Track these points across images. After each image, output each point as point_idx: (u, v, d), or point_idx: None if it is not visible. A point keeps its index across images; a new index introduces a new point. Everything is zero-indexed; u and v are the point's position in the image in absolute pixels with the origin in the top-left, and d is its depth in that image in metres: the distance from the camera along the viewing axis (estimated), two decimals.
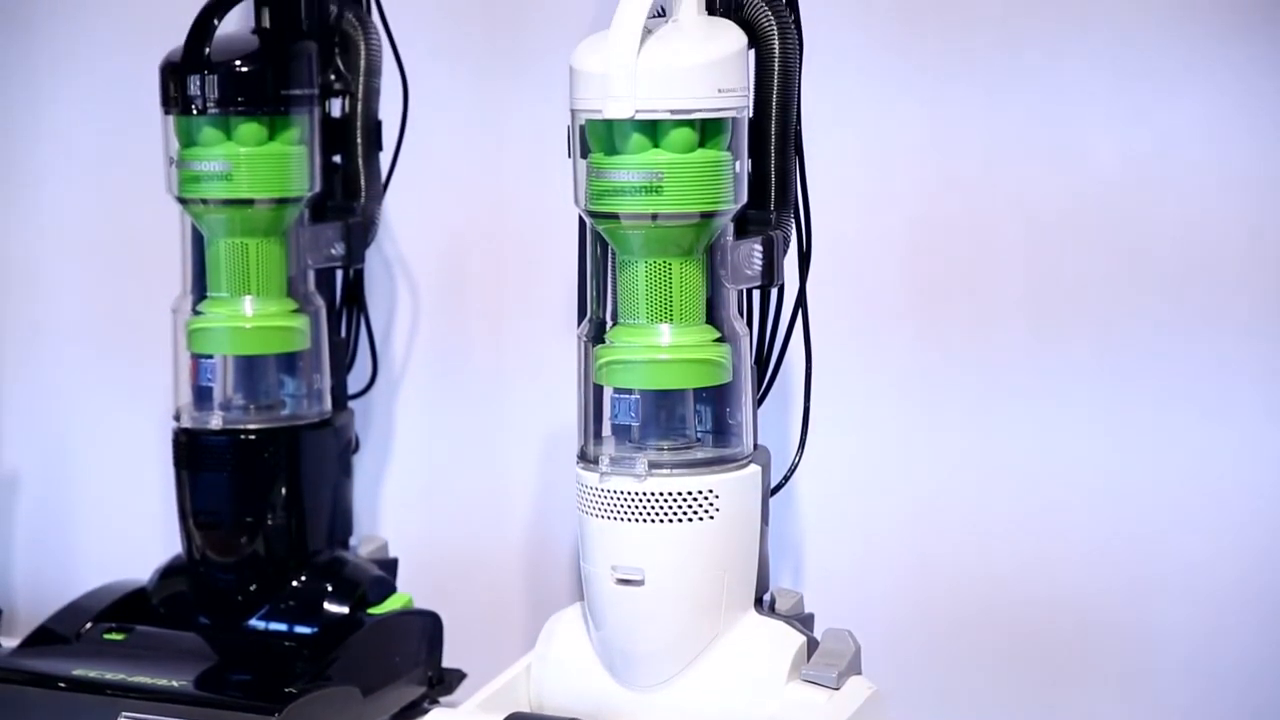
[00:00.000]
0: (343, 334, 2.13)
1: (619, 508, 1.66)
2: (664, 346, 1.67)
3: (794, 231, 1.74)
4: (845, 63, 1.97)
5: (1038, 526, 1.98)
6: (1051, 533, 1.98)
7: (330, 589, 2.00)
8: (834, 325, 1.90)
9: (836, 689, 1.69)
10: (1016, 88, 1.94)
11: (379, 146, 2.09)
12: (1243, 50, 1.85)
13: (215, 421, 1.99)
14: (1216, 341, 1.90)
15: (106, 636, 1.98)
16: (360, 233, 2.05)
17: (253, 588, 1.99)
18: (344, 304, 2.13)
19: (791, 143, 1.71)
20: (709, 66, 1.62)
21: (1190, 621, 1.94)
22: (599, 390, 1.71)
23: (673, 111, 1.61)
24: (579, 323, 1.74)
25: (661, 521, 1.65)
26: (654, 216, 1.64)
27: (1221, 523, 1.92)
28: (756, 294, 1.76)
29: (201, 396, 2.01)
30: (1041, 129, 1.94)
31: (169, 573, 2.05)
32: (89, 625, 2.00)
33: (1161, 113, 1.89)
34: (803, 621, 1.75)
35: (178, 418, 2.02)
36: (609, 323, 1.71)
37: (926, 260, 1.99)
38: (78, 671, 1.91)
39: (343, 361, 2.12)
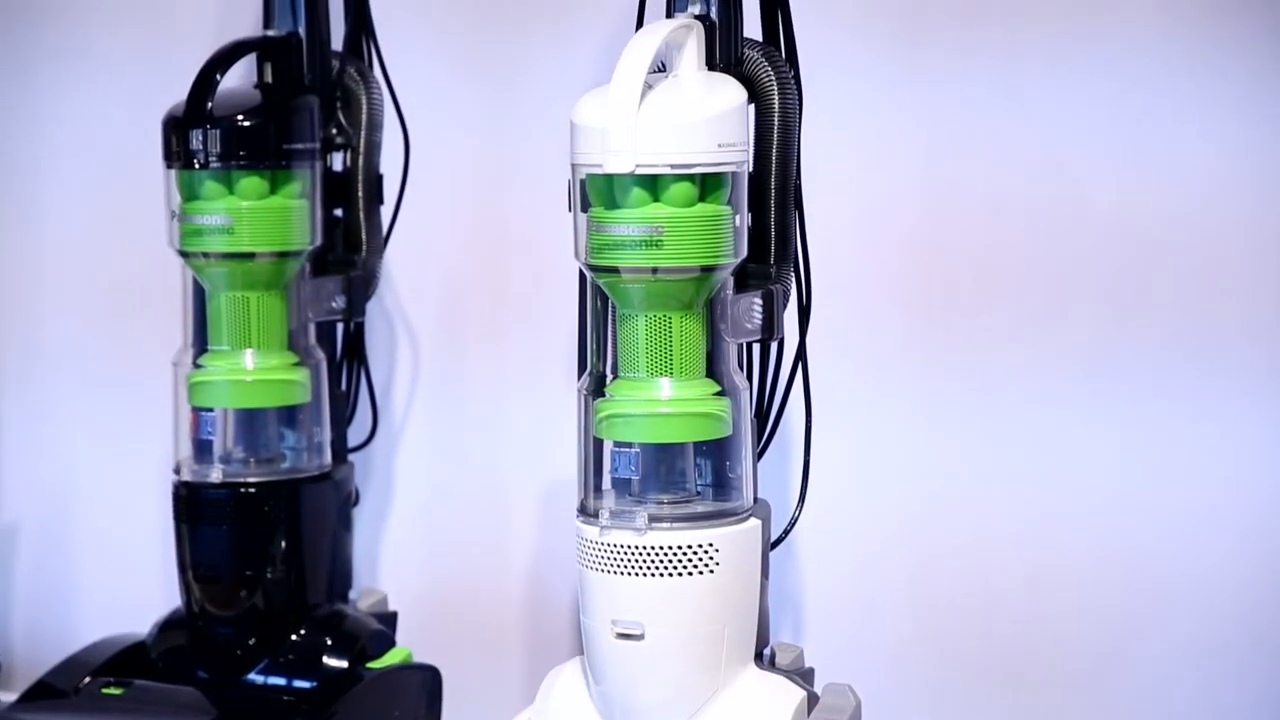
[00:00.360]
0: (343, 387, 2.13)
1: (619, 562, 1.66)
2: (664, 400, 1.67)
3: (794, 285, 1.74)
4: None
5: (1044, 591, 1.98)
6: (1059, 598, 1.98)
7: (330, 643, 1.99)
8: (831, 373, 1.90)
9: None
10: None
11: (380, 200, 2.09)
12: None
13: (215, 475, 1.99)
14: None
15: (105, 691, 1.97)
16: (361, 286, 2.06)
17: (252, 641, 1.98)
18: (344, 357, 2.14)
19: (791, 197, 1.71)
20: (709, 121, 1.63)
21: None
22: (599, 443, 1.71)
23: (673, 166, 1.61)
24: (579, 376, 1.74)
25: (661, 576, 1.65)
26: (654, 270, 1.64)
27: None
28: (756, 347, 1.76)
29: (202, 450, 2.01)
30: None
31: (168, 626, 2.04)
32: (87, 679, 1.99)
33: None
34: (803, 676, 1.74)
35: (178, 471, 2.02)
36: (609, 376, 1.71)
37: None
38: None
39: (343, 414, 2.12)
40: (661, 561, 1.65)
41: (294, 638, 1.99)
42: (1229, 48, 1.87)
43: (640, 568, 1.65)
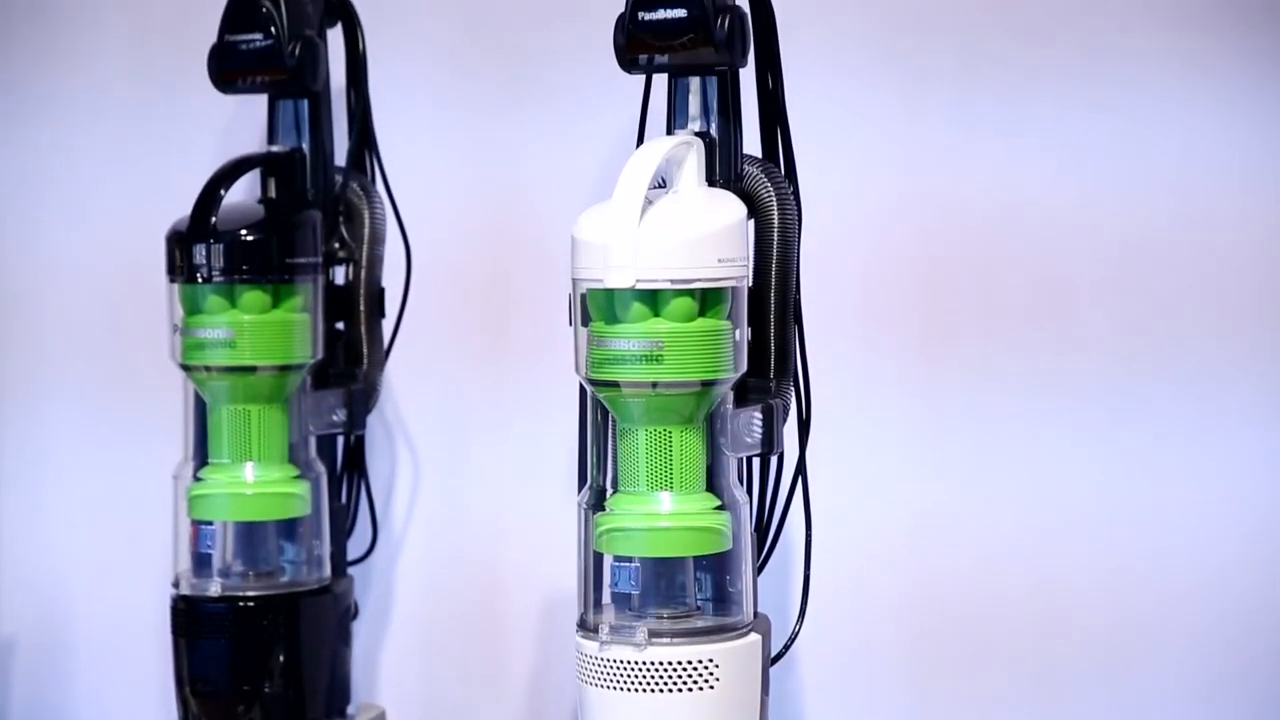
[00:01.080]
0: (343, 499, 2.13)
1: (618, 677, 1.65)
2: (664, 514, 1.67)
3: (793, 399, 1.75)
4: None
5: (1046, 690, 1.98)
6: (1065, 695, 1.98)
7: None
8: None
9: None
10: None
11: (382, 313, 2.10)
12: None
13: (214, 588, 1.98)
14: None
15: None
16: (362, 399, 2.06)
17: None
18: (345, 469, 2.14)
19: (791, 311, 1.72)
20: (709, 237, 1.64)
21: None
22: (599, 557, 1.71)
23: (673, 281, 1.62)
24: (579, 490, 1.74)
25: (661, 691, 1.64)
26: (654, 385, 1.65)
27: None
28: (756, 461, 1.77)
29: (201, 563, 2.01)
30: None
31: None
32: None
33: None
34: None
35: (176, 584, 2.01)
36: (609, 490, 1.71)
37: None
38: None
39: (343, 527, 2.12)
40: (661, 677, 1.64)
41: None
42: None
43: (640, 683, 1.64)
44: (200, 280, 1.95)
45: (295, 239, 2.00)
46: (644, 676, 1.64)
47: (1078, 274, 1.97)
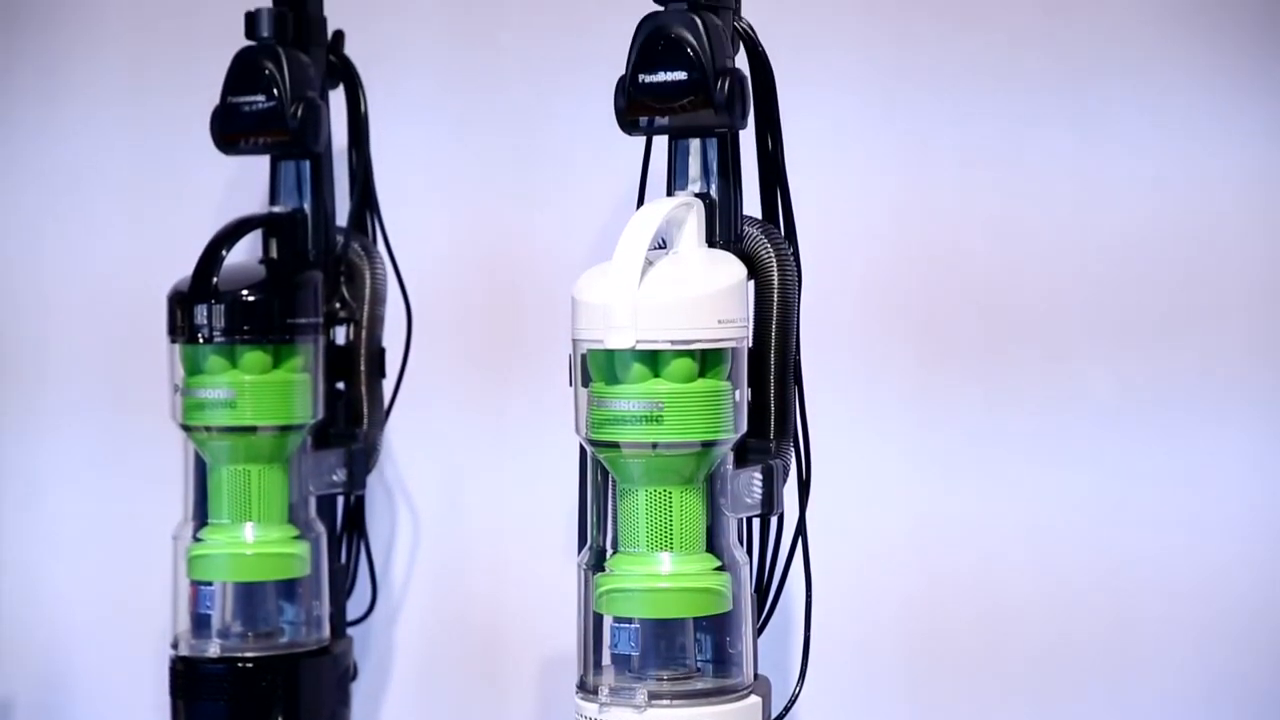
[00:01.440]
0: (343, 560, 2.13)
1: None
2: (664, 575, 1.67)
3: (793, 460, 1.75)
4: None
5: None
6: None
7: None
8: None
9: None
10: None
11: (382, 374, 2.10)
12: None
13: (213, 649, 1.97)
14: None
15: None
16: (362, 459, 2.06)
17: None
18: (345, 529, 2.13)
19: (791, 372, 1.72)
20: (709, 298, 1.64)
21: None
22: (599, 618, 1.70)
23: (673, 342, 1.62)
24: (579, 550, 1.74)
25: None
26: (654, 445, 1.65)
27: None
28: (756, 522, 1.76)
29: (200, 624, 2.00)
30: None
31: None
32: None
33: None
34: None
35: (175, 645, 2.01)
36: (609, 550, 1.71)
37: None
38: None
39: (342, 587, 2.11)
40: None
41: None
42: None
43: None
44: (201, 340, 1.95)
45: (296, 299, 2.00)
46: None
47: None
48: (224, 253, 1.96)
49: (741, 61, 1.71)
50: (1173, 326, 1.96)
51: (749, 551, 1.74)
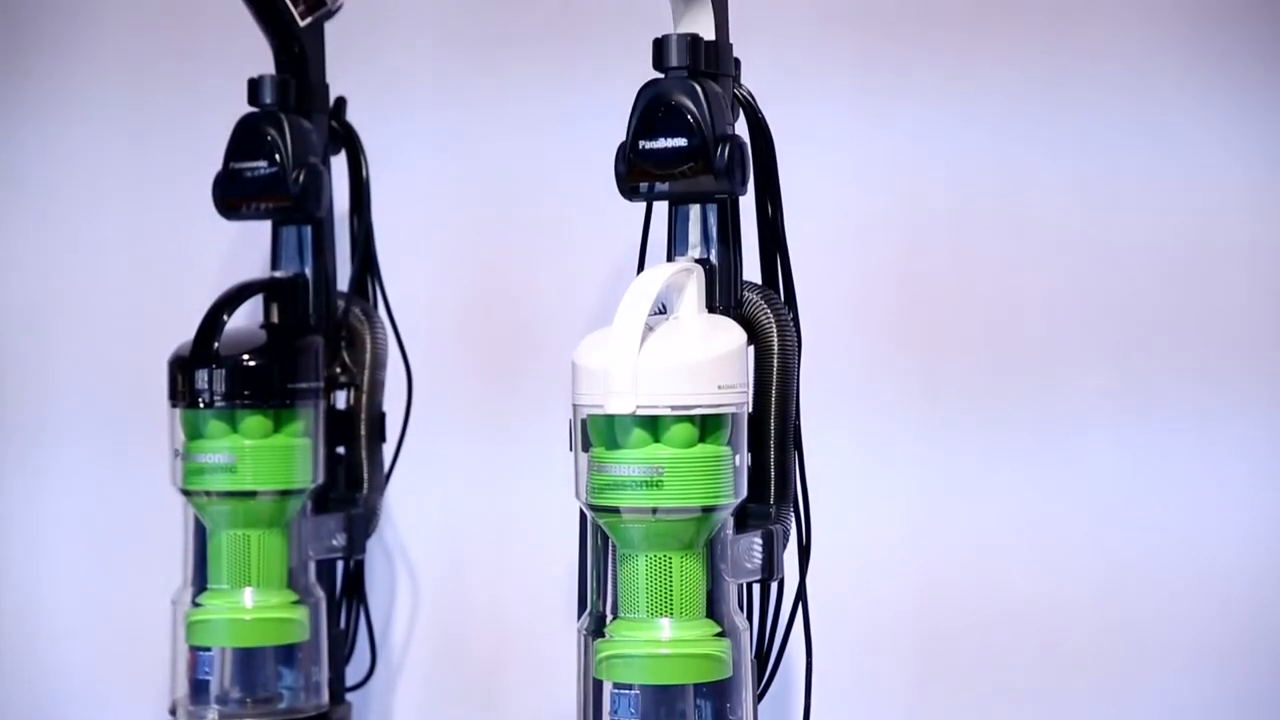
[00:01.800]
0: (342, 625, 2.12)
1: None
2: (664, 641, 1.66)
3: (794, 525, 1.75)
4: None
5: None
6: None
7: None
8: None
9: None
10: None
11: (382, 438, 2.10)
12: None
13: (211, 716, 1.97)
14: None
15: None
16: (362, 524, 2.06)
17: None
18: (344, 594, 2.13)
19: (791, 437, 1.72)
20: (709, 364, 1.64)
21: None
22: (599, 684, 1.70)
23: (673, 408, 1.63)
24: (579, 615, 1.73)
25: None
26: (654, 510, 1.65)
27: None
28: (756, 588, 1.76)
29: (198, 690, 1.99)
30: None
31: None
32: None
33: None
34: None
35: (174, 712, 2.00)
36: (609, 616, 1.70)
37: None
38: None
39: (342, 653, 2.11)
40: None
41: None
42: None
43: None
44: (202, 405, 1.95)
45: (297, 364, 2.00)
46: None
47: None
48: (225, 318, 1.97)
49: (741, 128, 1.72)
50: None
51: (749, 617, 1.74)
